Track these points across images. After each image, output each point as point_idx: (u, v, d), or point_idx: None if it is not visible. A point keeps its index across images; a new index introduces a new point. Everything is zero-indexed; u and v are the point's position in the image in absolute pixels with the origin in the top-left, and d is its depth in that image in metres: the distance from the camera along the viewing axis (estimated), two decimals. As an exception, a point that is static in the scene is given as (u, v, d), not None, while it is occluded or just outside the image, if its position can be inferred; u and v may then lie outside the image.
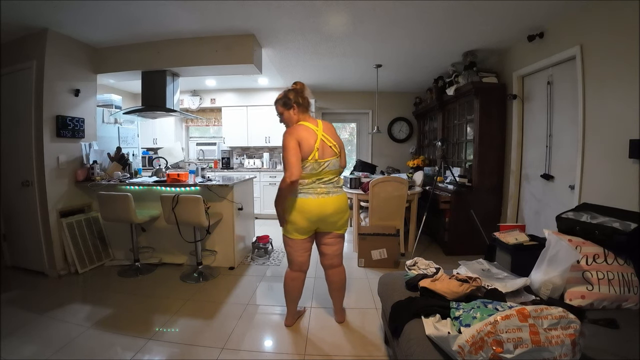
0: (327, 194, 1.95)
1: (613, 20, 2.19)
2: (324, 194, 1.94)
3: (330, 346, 1.96)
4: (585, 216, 1.82)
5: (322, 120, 2.04)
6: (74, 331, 2.09)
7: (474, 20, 2.82)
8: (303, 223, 1.95)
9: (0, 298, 2.55)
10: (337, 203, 1.98)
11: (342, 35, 3.22)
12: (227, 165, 5.71)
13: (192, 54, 3.33)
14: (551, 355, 1.01)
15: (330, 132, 2.00)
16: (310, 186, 1.94)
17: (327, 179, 1.96)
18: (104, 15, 2.73)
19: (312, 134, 1.92)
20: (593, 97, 2.37)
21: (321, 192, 1.94)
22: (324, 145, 1.94)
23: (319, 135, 1.93)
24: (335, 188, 2.00)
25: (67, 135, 3.11)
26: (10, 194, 3.14)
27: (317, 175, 1.94)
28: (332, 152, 1.96)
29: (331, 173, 1.97)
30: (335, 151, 1.97)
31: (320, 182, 1.95)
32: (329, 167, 1.95)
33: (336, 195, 1.99)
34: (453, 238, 3.56)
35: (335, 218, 1.99)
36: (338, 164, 2.00)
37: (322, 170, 1.93)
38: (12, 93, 3.03)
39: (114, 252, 3.47)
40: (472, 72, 3.58)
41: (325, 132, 1.96)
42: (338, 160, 2.00)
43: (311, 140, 1.90)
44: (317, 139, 1.92)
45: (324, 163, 1.93)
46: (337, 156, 1.99)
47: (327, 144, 1.95)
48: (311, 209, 1.92)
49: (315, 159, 1.90)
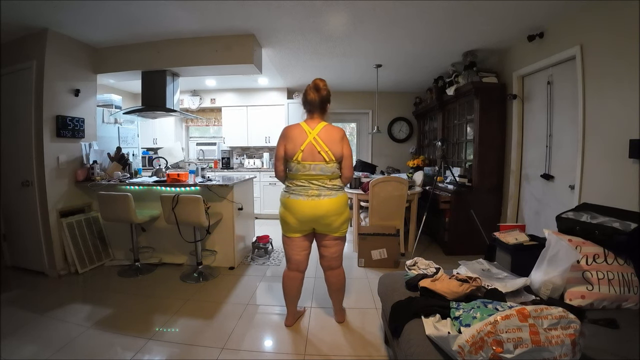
0: (319, 196, 1.90)
1: (613, 20, 2.19)
2: (315, 196, 1.90)
3: (330, 346, 1.96)
4: (585, 216, 1.82)
5: (330, 125, 1.94)
6: (74, 331, 2.09)
7: (474, 20, 2.83)
8: (293, 222, 1.96)
9: (0, 298, 2.55)
10: (330, 205, 1.91)
11: (342, 35, 3.22)
12: (227, 165, 5.71)
13: (192, 54, 3.33)
14: (551, 355, 1.01)
15: (329, 138, 1.90)
16: (302, 187, 1.93)
17: (319, 182, 1.92)
18: (104, 15, 2.73)
19: (302, 134, 1.90)
20: (593, 97, 2.37)
21: (312, 194, 1.91)
22: (312, 149, 1.88)
23: (310, 137, 1.89)
24: (328, 190, 1.92)
25: (67, 135, 3.11)
26: (10, 194, 3.14)
27: (306, 177, 1.92)
28: (321, 158, 1.88)
29: (322, 177, 1.91)
30: (325, 158, 1.87)
31: (312, 183, 1.92)
32: (317, 172, 1.89)
33: (328, 198, 1.91)
34: (453, 238, 3.56)
35: (328, 220, 1.94)
36: (330, 170, 1.91)
37: (308, 172, 1.90)
38: (12, 93, 3.03)
39: (114, 252, 3.47)
40: (472, 72, 3.58)
41: (320, 136, 1.89)
42: (330, 167, 1.90)
43: (298, 141, 1.89)
44: (306, 141, 1.89)
45: (309, 166, 1.88)
46: (327, 163, 1.89)
47: (317, 148, 1.87)
48: (301, 209, 1.91)
49: (299, 160, 1.89)
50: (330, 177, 1.94)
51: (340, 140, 1.93)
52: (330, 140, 1.90)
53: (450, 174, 3.62)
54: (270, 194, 5.40)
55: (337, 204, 1.94)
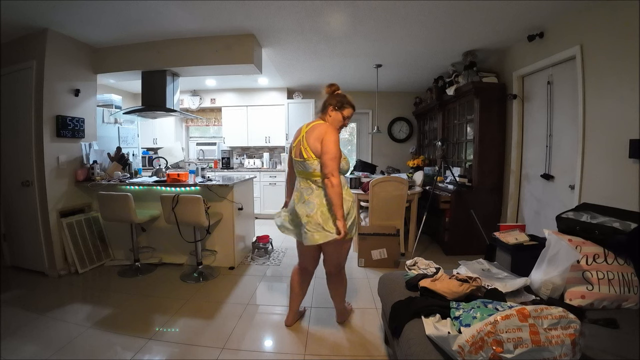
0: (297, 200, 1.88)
1: (613, 20, 2.19)
2: (296, 199, 1.88)
3: (330, 346, 1.96)
4: (585, 216, 1.82)
5: (320, 123, 1.90)
6: (74, 331, 2.09)
7: (474, 20, 2.82)
8: (289, 223, 1.96)
9: (0, 298, 2.55)
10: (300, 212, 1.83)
11: (342, 35, 3.22)
12: (227, 165, 5.71)
13: (192, 54, 3.33)
14: (551, 355, 1.01)
15: (312, 135, 1.84)
16: (297, 185, 1.94)
17: (304, 182, 1.88)
18: (104, 15, 2.73)
19: (298, 133, 1.95)
20: (593, 97, 2.37)
21: (296, 197, 1.90)
22: (299, 146, 1.88)
23: (301, 135, 1.90)
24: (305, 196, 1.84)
25: (67, 135, 3.11)
26: (10, 194, 3.14)
27: (298, 174, 1.94)
28: (303, 155, 1.83)
29: (303, 175, 1.88)
30: (304, 154, 1.82)
31: (300, 181, 1.92)
32: (300, 168, 1.89)
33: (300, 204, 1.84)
34: (453, 238, 3.56)
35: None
36: (310, 168, 1.82)
37: (297, 169, 1.93)
38: (12, 93, 3.03)
39: (114, 252, 3.46)
40: (472, 72, 3.58)
41: (307, 133, 1.86)
42: (310, 163, 1.82)
43: (295, 139, 1.96)
44: (297, 139, 1.92)
45: (296, 162, 1.91)
46: (306, 160, 1.82)
47: (302, 145, 1.85)
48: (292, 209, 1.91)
49: (292, 156, 1.95)
50: (309, 177, 1.86)
51: (321, 136, 1.82)
52: (313, 136, 1.84)
53: (450, 174, 3.62)
54: (270, 194, 5.41)
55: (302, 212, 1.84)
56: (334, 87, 2.02)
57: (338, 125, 1.97)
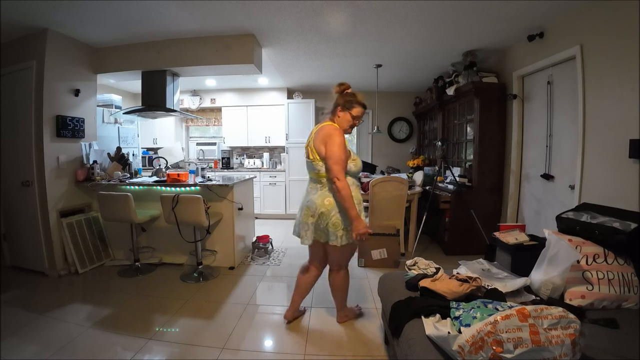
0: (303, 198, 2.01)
1: (613, 20, 2.19)
2: (304, 197, 2.02)
3: (330, 346, 1.96)
4: (585, 216, 1.82)
5: (326, 125, 1.92)
6: (74, 331, 2.09)
7: (474, 20, 2.82)
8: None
9: (0, 298, 2.55)
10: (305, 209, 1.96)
11: (342, 35, 3.22)
12: (227, 165, 5.71)
13: (192, 54, 3.33)
14: (551, 355, 1.01)
15: (319, 137, 1.88)
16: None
17: (310, 185, 2.00)
18: (104, 15, 2.73)
19: (311, 133, 2.00)
20: (593, 97, 2.37)
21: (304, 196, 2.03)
22: (308, 147, 1.97)
23: (311, 135, 1.97)
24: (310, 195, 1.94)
25: (67, 135, 3.11)
26: (10, 194, 3.14)
27: (309, 174, 2.01)
28: (310, 155, 1.93)
29: (311, 174, 1.99)
30: (309, 155, 1.93)
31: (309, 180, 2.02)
32: (308, 168, 1.99)
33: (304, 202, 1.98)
34: (453, 238, 3.56)
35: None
36: (314, 168, 1.91)
37: (307, 169, 2.00)
38: (12, 93, 3.03)
39: (114, 252, 3.46)
40: (472, 72, 3.58)
41: (315, 135, 1.92)
42: (314, 164, 1.90)
43: (307, 140, 2.02)
44: (308, 140, 1.99)
45: (306, 162, 1.99)
46: (312, 160, 1.91)
47: (308, 146, 1.96)
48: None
49: (306, 156, 2.01)
50: (317, 175, 1.93)
51: (325, 138, 1.84)
52: (319, 138, 1.88)
53: (450, 174, 3.62)
54: (270, 194, 5.41)
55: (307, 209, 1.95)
56: (343, 87, 1.98)
57: (348, 125, 1.95)
